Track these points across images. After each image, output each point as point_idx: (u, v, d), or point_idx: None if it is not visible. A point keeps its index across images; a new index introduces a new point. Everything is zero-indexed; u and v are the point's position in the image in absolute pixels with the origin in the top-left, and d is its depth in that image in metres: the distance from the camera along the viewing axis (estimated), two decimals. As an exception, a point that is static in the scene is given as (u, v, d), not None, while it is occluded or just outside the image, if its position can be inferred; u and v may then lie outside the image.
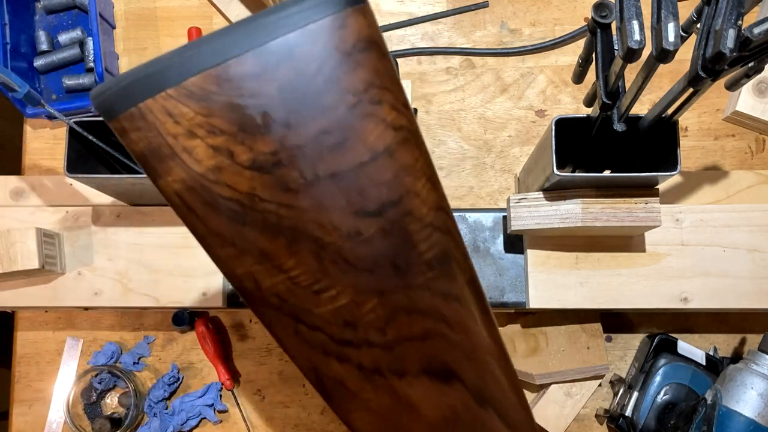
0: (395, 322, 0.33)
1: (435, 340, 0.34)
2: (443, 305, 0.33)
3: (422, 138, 0.32)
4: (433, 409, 0.35)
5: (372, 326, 0.33)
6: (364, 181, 0.30)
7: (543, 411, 0.68)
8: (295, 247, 0.31)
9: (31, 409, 0.74)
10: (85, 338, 0.75)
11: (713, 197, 0.65)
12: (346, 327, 0.32)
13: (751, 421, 0.56)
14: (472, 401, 0.36)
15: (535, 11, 0.79)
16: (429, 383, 0.34)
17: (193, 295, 0.65)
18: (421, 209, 0.32)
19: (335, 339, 0.33)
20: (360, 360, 0.33)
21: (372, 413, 0.35)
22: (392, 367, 0.34)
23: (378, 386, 0.34)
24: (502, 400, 0.37)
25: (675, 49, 0.39)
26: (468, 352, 0.35)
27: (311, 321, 0.32)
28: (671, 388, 0.65)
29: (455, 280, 0.33)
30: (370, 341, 0.33)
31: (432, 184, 0.32)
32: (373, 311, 0.32)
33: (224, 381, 0.72)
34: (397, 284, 0.32)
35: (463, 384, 0.35)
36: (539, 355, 0.67)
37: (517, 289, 0.65)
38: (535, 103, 0.77)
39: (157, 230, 0.65)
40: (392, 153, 0.30)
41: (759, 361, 0.58)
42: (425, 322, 0.33)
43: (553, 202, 0.58)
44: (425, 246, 0.32)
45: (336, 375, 0.34)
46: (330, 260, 0.31)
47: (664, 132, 0.51)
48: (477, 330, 0.35)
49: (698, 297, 0.61)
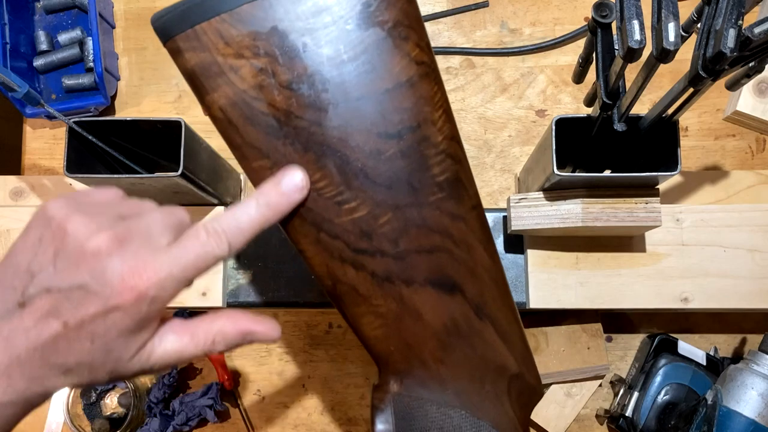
0: (407, 235, 0.36)
1: (441, 255, 0.37)
2: (450, 224, 0.37)
3: (441, 76, 0.36)
4: (435, 316, 0.38)
5: (386, 237, 0.36)
6: (387, 107, 0.34)
7: (543, 411, 0.68)
8: (322, 162, 0.34)
9: (31, 409, 0.74)
10: (84, 338, 0.75)
11: (714, 197, 0.65)
12: (363, 237, 0.35)
13: (752, 422, 0.56)
14: (471, 313, 0.39)
15: (535, 11, 0.79)
16: (433, 293, 0.37)
17: (193, 295, 0.65)
18: (437, 137, 0.35)
19: (352, 247, 0.36)
20: (373, 268, 0.36)
21: (380, 318, 0.38)
22: (402, 275, 0.37)
23: (387, 293, 0.37)
24: (500, 317, 0.40)
25: (675, 49, 0.38)
26: (470, 268, 0.38)
27: (332, 230, 0.35)
28: (672, 389, 0.65)
29: (462, 203, 0.37)
30: (384, 251, 0.36)
31: (447, 116, 0.36)
32: (388, 223, 0.35)
33: (224, 381, 0.72)
34: (410, 201, 0.35)
35: (464, 296, 0.38)
36: (539, 355, 0.67)
37: (517, 289, 0.65)
38: (535, 103, 0.77)
39: (157, 230, 0.65)
40: (413, 84, 0.34)
41: (759, 361, 0.58)
42: (433, 237, 0.36)
43: (553, 202, 0.58)
44: (438, 170, 0.36)
45: (350, 281, 0.36)
46: (353, 175, 0.34)
47: (664, 132, 0.51)
48: (479, 251, 0.38)
49: (699, 297, 0.61)
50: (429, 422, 0.40)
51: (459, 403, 0.41)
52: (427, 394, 0.40)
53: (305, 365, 0.74)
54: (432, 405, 0.40)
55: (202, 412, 0.72)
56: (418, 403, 0.40)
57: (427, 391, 0.40)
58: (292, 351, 0.74)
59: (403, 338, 0.38)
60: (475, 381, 0.41)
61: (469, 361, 0.40)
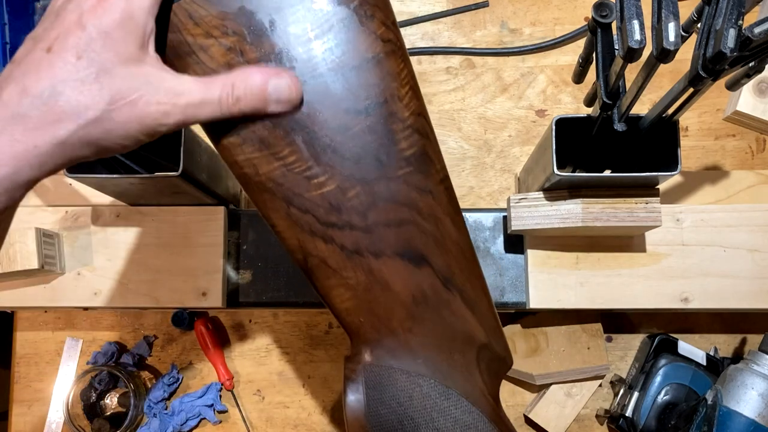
0: (375, 208, 0.37)
1: (409, 227, 0.38)
2: (418, 197, 0.38)
3: (407, 54, 0.37)
4: (404, 288, 0.39)
5: (355, 211, 0.37)
6: (354, 83, 0.35)
7: (543, 411, 0.68)
8: (291, 138, 0.35)
9: (31, 409, 0.74)
10: (84, 338, 0.75)
11: (714, 197, 0.65)
12: (332, 211, 0.36)
13: (752, 422, 0.56)
14: (439, 284, 0.40)
15: (535, 11, 0.79)
16: (401, 264, 0.39)
17: (193, 295, 0.65)
18: (404, 112, 0.36)
19: (322, 221, 0.37)
20: (343, 241, 0.37)
21: (350, 290, 0.39)
22: (370, 248, 0.38)
23: (356, 265, 0.38)
24: (468, 288, 0.41)
25: (675, 49, 0.38)
26: (438, 241, 0.39)
27: (302, 204, 0.36)
28: (672, 389, 0.65)
29: (430, 177, 0.38)
30: (352, 224, 0.37)
31: (414, 93, 0.37)
32: (356, 197, 0.36)
33: (224, 381, 0.72)
34: (378, 175, 0.36)
35: (431, 268, 0.39)
36: (539, 355, 0.67)
37: (517, 289, 0.65)
38: (535, 103, 0.77)
39: (157, 230, 0.65)
40: (380, 61, 0.35)
41: (759, 361, 0.58)
42: (401, 210, 0.38)
43: (553, 202, 0.58)
44: (405, 144, 0.37)
45: (320, 254, 0.38)
46: (321, 150, 0.35)
47: (664, 132, 0.51)
48: (447, 223, 0.39)
49: (699, 297, 0.61)
50: (398, 391, 0.41)
51: (428, 372, 0.42)
52: (396, 364, 0.41)
53: (305, 365, 0.74)
54: (401, 374, 0.41)
55: (202, 412, 0.72)
56: (387, 373, 0.41)
57: (397, 360, 0.41)
58: (292, 351, 0.74)
59: (372, 309, 0.40)
60: (443, 350, 0.42)
61: (438, 331, 0.41)
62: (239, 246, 0.66)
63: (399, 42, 0.36)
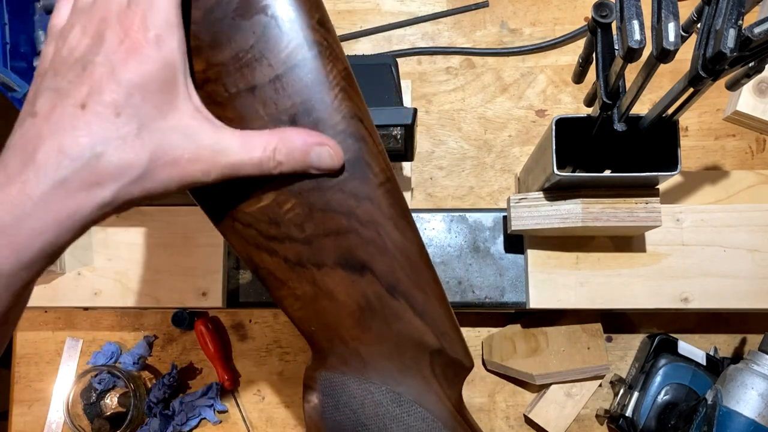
0: (312, 219, 0.37)
1: (348, 236, 0.37)
2: (355, 205, 0.37)
3: (339, 51, 0.35)
4: (348, 297, 0.39)
5: (292, 223, 0.37)
6: (279, 92, 0.34)
7: (543, 411, 0.68)
8: None
9: (31, 409, 0.74)
10: (84, 338, 0.75)
11: (714, 197, 0.65)
12: (272, 224, 0.37)
13: (752, 422, 0.56)
14: (384, 292, 0.39)
15: (535, 11, 0.79)
16: (344, 274, 0.38)
17: (193, 295, 0.65)
18: (334, 117, 0.35)
19: (263, 235, 0.37)
20: (285, 253, 0.37)
21: (299, 300, 0.39)
22: (312, 259, 0.38)
23: (301, 276, 0.38)
24: (415, 294, 0.40)
25: (675, 49, 0.38)
26: (380, 248, 0.38)
27: (244, 219, 0.37)
28: (671, 389, 0.65)
29: (367, 182, 0.37)
30: (292, 236, 0.37)
31: (345, 95, 0.35)
32: (292, 210, 0.36)
33: (224, 381, 0.72)
34: (312, 185, 0.36)
35: (374, 276, 0.39)
36: (539, 355, 0.67)
37: (517, 289, 0.65)
38: (535, 103, 0.77)
39: (157, 230, 0.65)
40: (304, 66, 0.34)
41: (759, 361, 0.58)
42: (339, 219, 0.37)
43: (553, 202, 0.58)
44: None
45: (268, 266, 0.38)
46: None
47: (664, 132, 0.51)
48: (389, 229, 0.38)
49: (699, 297, 0.61)
50: (351, 398, 0.42)
51: (379, 379, 0.42)
52: (348, 371, 0.42)
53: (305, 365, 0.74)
54: (353, 381, 0.42)
55: (202, 412, 0.72)
56: (341, 380, 0.42)
57: (349, 368, 0.41)
58: (292, 351, 0.74)
59: (321, 319, 0.40)
60: (394, 357, 0.42)
61: (386, 338, 0.41)
62: (239, 246, 0.66)
63: (326, 41, 0.34)
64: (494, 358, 0.70)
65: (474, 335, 0.74)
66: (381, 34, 0.80)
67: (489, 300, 0.65)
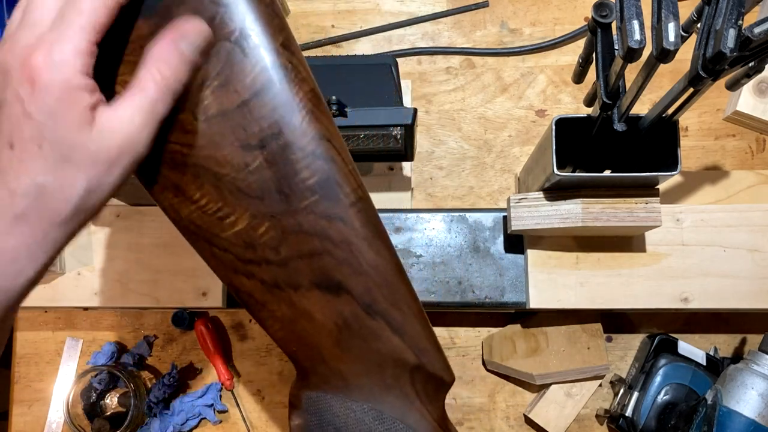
0: (286, 242, 0.37)
1: (322, 257, 0.38)
2: (327, 225, 0.37)
3: (306, 73, 0.35)
4: (326, 317, 0.39)
5: (267, 246, 0.37)
6: (247, 118, 0.34)
7: (543, 411, 0.68)
8: (199, 181, 0.35)
9: (31, 409, 0.74)
10: (84, 338, 0.75)
11: (714, 197, 0.65)
12: (248, 248, 0.37)
13: (752, 422, 0.56)
14: (360, 311, 0.40)
15: (535, 11, 0.79)
16: (320, 295, 0.39)
17: (193, 295, 0.65)
18: (302, 140, 0.35)
19: (240, 258, 0.37)
20: (262, 276, 0.38)
21: (278, 321, 0.40)
22: (288, 281, 0.38)
23: (279, 298, 0.39)
24: (392, 312, 0.40)
25: (675, 49, 0.38)
26: (355, 268, 0.38)
27: (221, 244, 0.37)
28: (671, 389, 0.65)
29: (338, 202, 0.37)
30: (268, 259, 0.37)
31: (313, 116, 0.35)
32: (266, 233, 0.36)
33: (224, 381, 0.72)
34: (284, 208, 0.36)
35: (351, 296, 0.39)
36: (539, 355, 0.67)
37: (517, 289, 0.65)
38: (535, 103, 0.77)
39: (157, 230, 0.65)
40: (269, 89, 0.34)
41: (759, 361, 0.58)
42: (312, 241, 0.37)
43: (553, 202, 0.58)
44: (307, 173, 0.36)
45: (247, 289, 0.38)
46: (227, 190, 0.35)
47: (664, 132, 0.51)
48: (363, 248, 0.38)
49: (699, 297, 0.61)
50: (334, 416, 0.42)
51: (361, 397, 0.42)
52: (330, 390, 0.42)
53: (305, 365, 0.74)
54: (335, 400, 0.42)
55: (202, 412, 0.72)
56: (323, 399, 0.42)
57: (330, 386, 0.42)
58: (292, 351, 0.74)
59: (301, 339, 0.40)
60: (374, 375, 0.42)
61: (366, 357, 0.41)
62: (239, 246, 0.66)
63: (291, 64, 0.35)
64: (494, 358, 0.70)
65: (474, 335, 0.74)
66: (381, 34, 0.80)
67: (489, 300, 0.65)
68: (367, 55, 0.78)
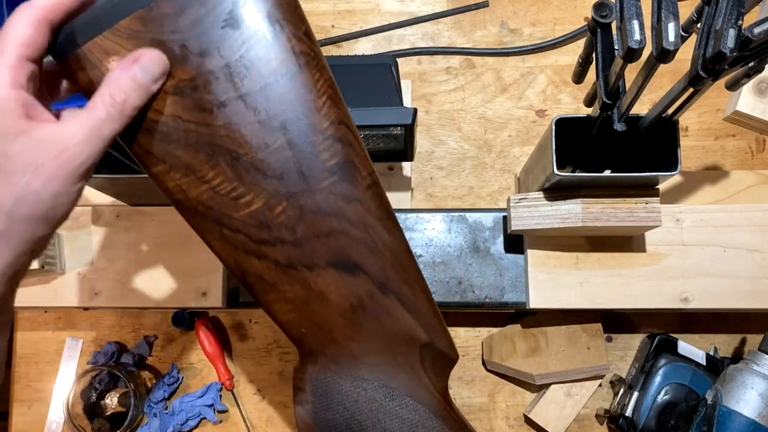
0: (303, 221, 0.37)
1: (339, 237, 0.38)
2: (345, 206, 0.38)
3: (324, 62, 0.37)
4: (340, 297, 0.40)
5: (284, 226, 0.37)
6: (270, 101, 0.35)
7: (543, 411, 0.68)
8: (214, 161, 0.35)
9: (31, 409, 0.74)
10: (84, 338, 0.75)
11: (714, 197, 0.65)
12: (262, 228, 0.37)
13: (752, 422, 0.56)
14: (375, 290, 0.41)
15: (535, 11, 0.79)
16: (336, 274, 0.39)
17: (193, 295, 0.65)
18: (323, 123, 0.36)
19: (253, 239, 0.37)
20: (276, 256, 0.38)
21: (289, 303, 0.39)
22: (303, 261, 0.38)
23: (292, 278, 0.39)
24: (405, 290, 0.42)
25: (675, 49, 0.38)
26: (370, 247, 0.40)
27: (233, 224, 0.37)
28: (671, 389, 0.65)
29: (356, 185, 0.38)
30: (283, 239, 0.37)
31: (333, 102, 0.37)
32: (283, 213, 0.37)
33: (224, 381, 0.72)
34: (303, 188, 0.37)
35: (366, 275, 0.40)
36: (539, 355, 0.67)
37: (517, 289, 0.65)
38: (535, 103, 0.77)
39: (157, 230, 0.65)
40: (293, 75, 0.35)
41: (759, 361, 0.58)
42: (329, 221, 0.38)
43: (553, 202, 0.58)
44: (327, 155, 0.37)
45: (256, 271, 0.38)
46: (244, 170, 0.36)
47: (664, 132, 0.51)
48: (378, 229, 0.40)
49: (699, 297, 0.61)
50: (344, 396, 0.42)
51: (372, 375, 0.43)
52: (340, 370, 0.42)
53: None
54: (346, 380, 0.42)
55: (202, 412, 0.72)
56: (333, 380, 0.42)
57: (341, 367, 0.42)
58: (292, 351, 0.74)
59: (312, 320, 0.40)
60: (385, 353, 0.43)
61: (378, 336, 0.42)
62: (239, 246, 0.66)
63: (313, 52, 0.36)
64: (494, 358, 0.70)
65: (474, 335, 0.74)
66: (381, 34, 0.80)
67: (489, 300, 0.65)
68: (367, 55, 0.78)
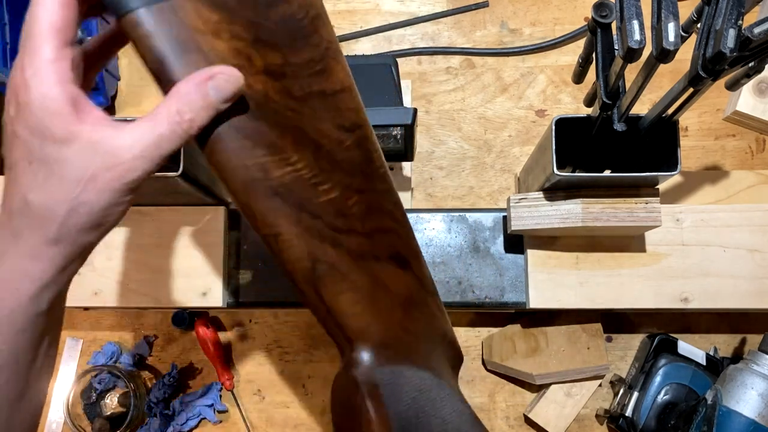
0: (370, 215, 0.40)
1: (392, 235, 0.42)
2: (393, 209, 0.42)
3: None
4: (398, 288, 0.43)
5: (356, 217, 0.40)
6: (340, 104, 0.38)
7: (543, 411, 0.68)
8: (300, 145, 0.36)
9: (31, 409, 0.74)
10: (85, 338, 0.75)
11: (714, 197, 0.65)
12: (338, 216, 0.39)
13: (752, 422, 0.56)
14: (419, 285, 0.45)
15: (535, 11, 0.79)
16: (393, 267, 0.43)
17: (193, 295, 0.65)
18: (372, 135, 0.40)
19: (330, 226, 0.39)
20: (349, 245, 0.40)
21: (358, 293, 0.41)
22: (371, 252, 0.41)
23: (362, 268, 0.41)
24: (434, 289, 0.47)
25: (675, 49, 0.38)
26: (412, 248, 0.44)
27: (313, 209, 0.38)
28: (671, 389, 0.65)
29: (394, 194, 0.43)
30: (356, 230, 0.40)
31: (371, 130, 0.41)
32: (356, 205, 0.40)
33: (224, 381, 0.72)
34: (367, 187, 0.40)
35: (412, 271, 0.44)
36: (539, 355, 0.67)
37: (517, 289, 0.65)
38: (535, 103, 0.77)
39: (157, 230, 0.65)
40: (352, 90, 0.39)
41: (759, 361, 0.58)
42: (386, 218, 0.42)
43: (553, 202, 0.58)
44: (378, 163, 0.41)
45: (330, 259, 0.39)
46: (325, 160, 0.38)
47: (664, 132, 0.51)
48: (412, 234, 0.45)
49: (699, 297, 0.61)
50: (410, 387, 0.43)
51: (424, 365, 0.45)
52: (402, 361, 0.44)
53: (305, 365, 0.74)
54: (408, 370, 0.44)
55: (202, 412, 0.72)
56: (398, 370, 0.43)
57: (402, 357, 0.44)
58: (292, 351, 0.74)
59: (377, 310, 0.42)
60: (429, 346, 0.46)
61: (425, 328, 0.46)
62: (239, 246, 0.66)
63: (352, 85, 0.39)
64: (494, 358, 0.70)
65: (474, 335, 0.74)
66: (381, 34, 0.80)
67: (489, 300, 0.65)
68: (367, 55, 0.78)
